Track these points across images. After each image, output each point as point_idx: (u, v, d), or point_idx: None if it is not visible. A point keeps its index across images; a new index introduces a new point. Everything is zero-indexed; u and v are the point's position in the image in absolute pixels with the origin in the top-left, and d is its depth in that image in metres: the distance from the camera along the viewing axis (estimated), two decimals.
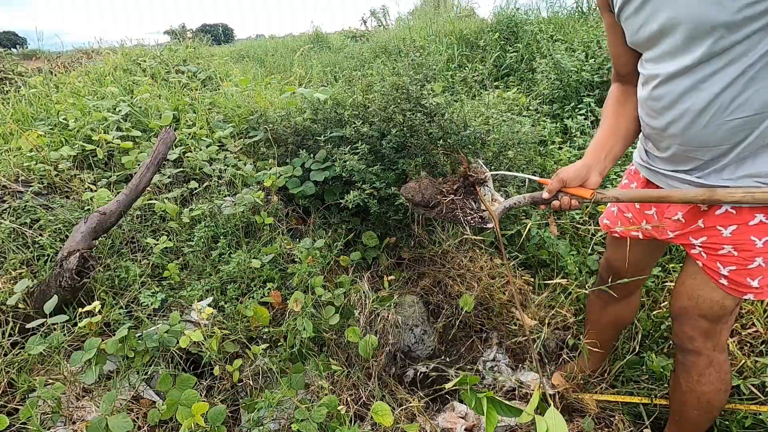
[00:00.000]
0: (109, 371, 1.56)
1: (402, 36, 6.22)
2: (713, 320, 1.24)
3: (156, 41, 6.40)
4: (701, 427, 1.41)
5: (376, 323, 1.86)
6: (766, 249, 1.09)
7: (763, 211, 1.06)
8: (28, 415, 1.29)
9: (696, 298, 1.24)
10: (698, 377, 1.32)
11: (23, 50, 9.21)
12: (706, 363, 1.30)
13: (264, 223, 2.12)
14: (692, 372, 1.33)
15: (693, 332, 1.28)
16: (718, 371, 1.30)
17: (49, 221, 2.05)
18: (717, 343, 1.28)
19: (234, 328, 1.71)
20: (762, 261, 1.10)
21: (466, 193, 1.27)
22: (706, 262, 1.20)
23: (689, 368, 1.33)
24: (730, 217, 1.11)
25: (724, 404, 1.37)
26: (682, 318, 1.30)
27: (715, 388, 1.32)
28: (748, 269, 1.12)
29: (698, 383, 1.32)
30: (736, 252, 1.12)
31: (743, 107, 0.96)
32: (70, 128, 2.73)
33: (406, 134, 2.00)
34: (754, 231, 1.08)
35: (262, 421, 1.42)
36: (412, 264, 2.29)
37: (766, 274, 1.12)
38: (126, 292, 1.85)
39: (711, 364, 1.30)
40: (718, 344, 1.28)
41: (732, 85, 0.95)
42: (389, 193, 1.97)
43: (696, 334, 1.28)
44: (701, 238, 1.18)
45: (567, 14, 5.66)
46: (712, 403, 1.34)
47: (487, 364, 1.95)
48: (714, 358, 1.29)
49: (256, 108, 2.91)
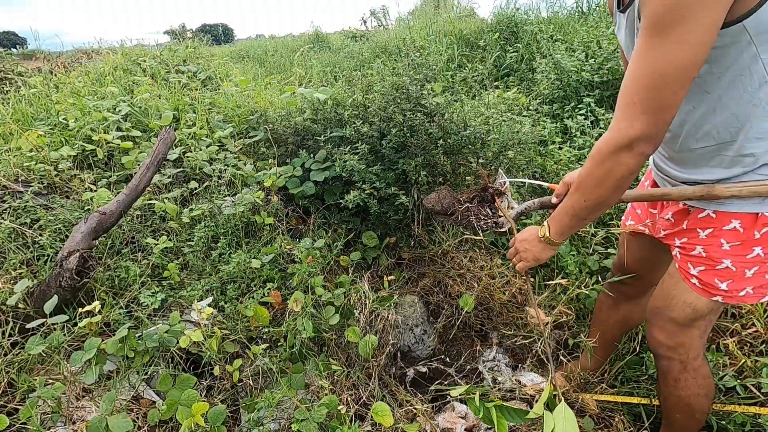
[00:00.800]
0: (109, 371, 1.56)
1: (402, 36, 6.22)
2: (683, 323, 1.25)
3: (156, 41, 6.40)
4: (691, 430, 1.41)
5: (376, 323, 1.86)
6: (733, 252, 1.11)
7: (741, 219, 1.09)
8: (28, 415, 1.29)
9: (670, 298, 1.26)
10: (674, 382, 1.33)
11: (23, 50, 9.21)
12: (680, 368, 1.30)
13: (264, 223, 2.12)
14: (668, 377, 1.33)
15: (661, 336, 1.30)
16: (695, 377, 1.30)
17: (49, 221, 2.05)
18: (689, 349, 1.27)
19: (234, 328, 1.71)
20: (730, 263, 1.12)
21: (481, 201, 1.38)
22: (679, 262, 1.23)
23: (665, 373, 1.34)
24: (710, 221, 1.14)
25: (708, 408, 1.37)
26: (653, 320, 1.32)
27: (692, 392, 1.32)
28: (716, 270, 1.15)
29: (675, 388, 1.33)
30: (705, 253, 1.16)
31: (705, 138, 1.04)
32: (70, 128, 2.73)
33: (406, 134, 2.00)
34: (725, 235, 1.12)
35: (262, 421, 1.42)
36: (412, 264, 2.29)
37: (734, 278, 1.13)
38: (126, 292, 1.85)
39: (685, 370, 1.30)
40: (691, 350, 1.28)
41: (689, 119, 1.03)
42: (389, 193, 1.97)
43: (663, 338, 1.29)
44: (683, 238, 1.21)
45: (567, 14, 5.65)
46: (693, 407, 1.35)
47: (486, 364, 1.95)
48: (688, 364, 1.29)
49: (256, 108, 2.91)
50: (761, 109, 0.95)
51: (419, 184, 2.03)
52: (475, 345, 2.05)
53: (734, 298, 1.16)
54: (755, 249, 1.09)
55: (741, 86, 0.95)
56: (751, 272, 1.12)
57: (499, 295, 2.06)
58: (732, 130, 1.00)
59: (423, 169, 1.97)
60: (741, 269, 1.12)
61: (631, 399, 1.69)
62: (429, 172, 2.01)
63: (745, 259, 1.11)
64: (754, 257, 1.10)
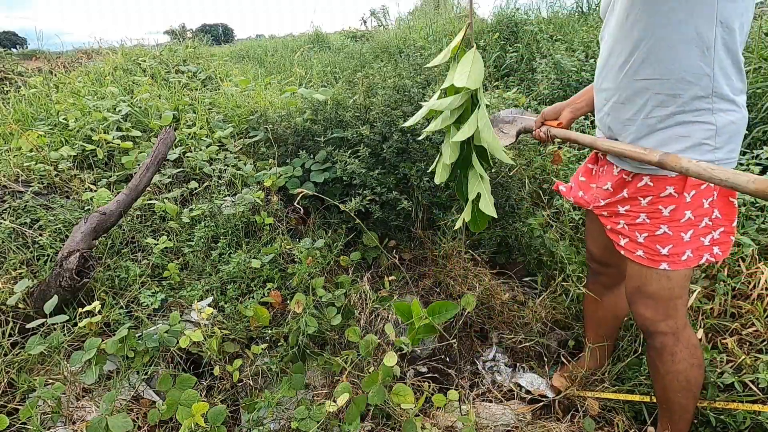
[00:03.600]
0: (109, 371, 1.56)
1: (402, 36, 6.22)
2: (664, 296, 1.29)
3: (156, 41, 6.40)
4: (688, 410, 1.42)
5: (376, 323, 1.86)
6: (671, 217, 1.20)
7: (674, 185, 1.18)
8: (28, 415, 1.29)
9: (643, 275, 1.30)
10: (671, 356, 1.34)
11: (23, 50, 9.20)
12: (674, 341, 1.33)
13: (264, 223, 2.12)
14: (664, 353, 1.35)
15: (648, 313, 1.33)
16: (687, 346, 1.33)
17: (49, 221, 2.05)
18: (677, 318, 1.31)
19: (234, 328, 1.71)
20: (667, 228, 1.21)
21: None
22: (627, 233, 1.30)
23: (660, 351, 1.36)
24: (648, 189, 1.23)
25: (702, 380, 1.40)
26: (636, 300, 1.35)
27: (688, 364, 1.34)
28: (656, 235, 1.23)
29: (672, 363, 1.35)
30: (649, 219, 1.24)
31: (646, 69, 1.13)
32: (70, 128, 2.73)
33: (408, 138, 2.00)
34: (663, 201, 1.21)
35: (262, 421, 1.42)
36: (413, 264, 2.29)
37: (674, 243, 1.22)
38: (126, 292, 1.85)
39: (679, 341, 1.33)
40: (679, 319, 1.32)
41: (639, 47, 1.12)
42: (390, 197, 1.96)
43: (651, 314, 1.32)
44: (626, 206, 1.29)
45: (567, 14, 5.66)
46: (690, 381, 1.36)
47: (486, 364, 1.95)
48: (680, 335, 1.32)
49: (256, 108, 2.91)
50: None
51: (421, 189, 2.02)
52: (474, 345, 2.05)
53: (678, 263, 1.23)
54: (686, 213, 1.19)
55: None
56: (687, 236, 1.20)
57: (500, 294, 2.06)
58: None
59: (425, 174, 1.97)
60: (677, 233, 1.21)
61: (633, 397, 1.69)
62: (431, 177, 2.01)
63: (679, 223, 1.19)
64: (686, 221, 1.19)
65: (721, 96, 1.11)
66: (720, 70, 1.08)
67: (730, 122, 1.13)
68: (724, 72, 1.09)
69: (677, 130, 1.15)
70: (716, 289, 1.89)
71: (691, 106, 1.12)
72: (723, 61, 1.08)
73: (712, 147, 1.14)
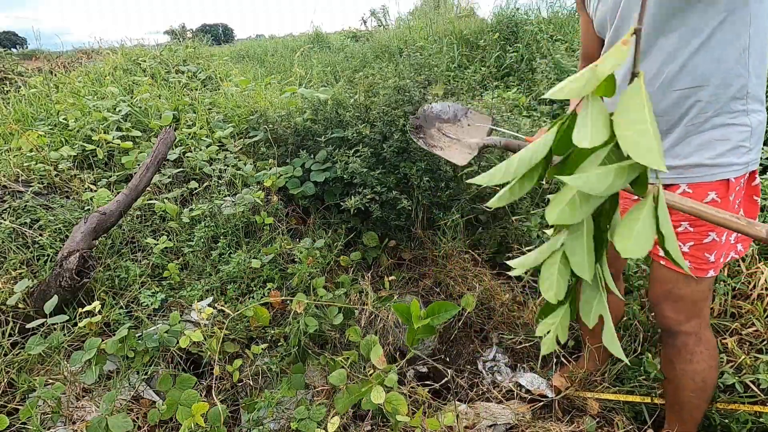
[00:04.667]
0: (109, 371, 1.56)
1: (402, 36, 6.22)
2: (696, 298, 1.27)
3: (156, 41, 6.40)
4: (700, 410, 1.41)
5: (376, 323, 1.86)
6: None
7: (716, 189, 1.14)
8: (28, 415, 1.29)
9: (675, 280, 1.28)
10: (690, 356, 1.34)
11: (23, 50, 9.21)
12: (695, 341, 1.32)
13: (264, 223, 2.12)
14: (683, 352, 1.34)
15: (674, 314, 1.31)
16: (707, 347, 1.33)
17: (49, 221, 2.05)
18: (701, 318, 1.31)
19: (234, 327, 1.71)
20: (716, 235, 1.18)
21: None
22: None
23: (680, 349, 1.35)
24: (688, 197, 1.20)
25: (716, 381, 1.39)
26: (663, 302, 1.33)
27: (707, 365, 1.34)
28: (703, 244, 1.19)
29: (690, 362, 1.34)
30: (692, 228, 1.19)
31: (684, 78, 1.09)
32: (70, 128, 2.73)
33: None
34: None
35: (262, 421, 1.42)
36: (413, 264, 2.29)
37: (718, 248, 1.19)
38: (126, 292, 1.85)
39: (700, 342, 1.32)
40: (703, 321, 1.31)
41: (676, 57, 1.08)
42: (390, 197, 1.96)
43: (680, 316, 1.31)
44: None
45: (567, 14, 5.65)
46: (707, 381, 1.36)
47: (486, 364, 1.95)
48: (702, 336, 1.32)
49: (256, 108, 2.91)
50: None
51: (421, 188, 2.02)
52: (475, 345, 2.05)
53: (718, 267, 1.21)
54: None
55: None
56: (732, 239, 1.19)
57: (500, 294, 2.06)
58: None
59: (425, 174, 1.97)
60: (726, 238, 1.19)
61: (633, 398, 1.69)
62: (431, 177, 2.01)
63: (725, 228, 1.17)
64: None
65: (754, 97, 1.10)
66: (753, 70, 1.08)
67: (760, 122, 1.12)
68: (756, 72, 1.09)
69: (713, 133, 1.12)
70: (716, 289, 1.89)
71: (727, 108, 1.10)
72: (755, 61, 1.07)
73: (747, 149, 1.13)
